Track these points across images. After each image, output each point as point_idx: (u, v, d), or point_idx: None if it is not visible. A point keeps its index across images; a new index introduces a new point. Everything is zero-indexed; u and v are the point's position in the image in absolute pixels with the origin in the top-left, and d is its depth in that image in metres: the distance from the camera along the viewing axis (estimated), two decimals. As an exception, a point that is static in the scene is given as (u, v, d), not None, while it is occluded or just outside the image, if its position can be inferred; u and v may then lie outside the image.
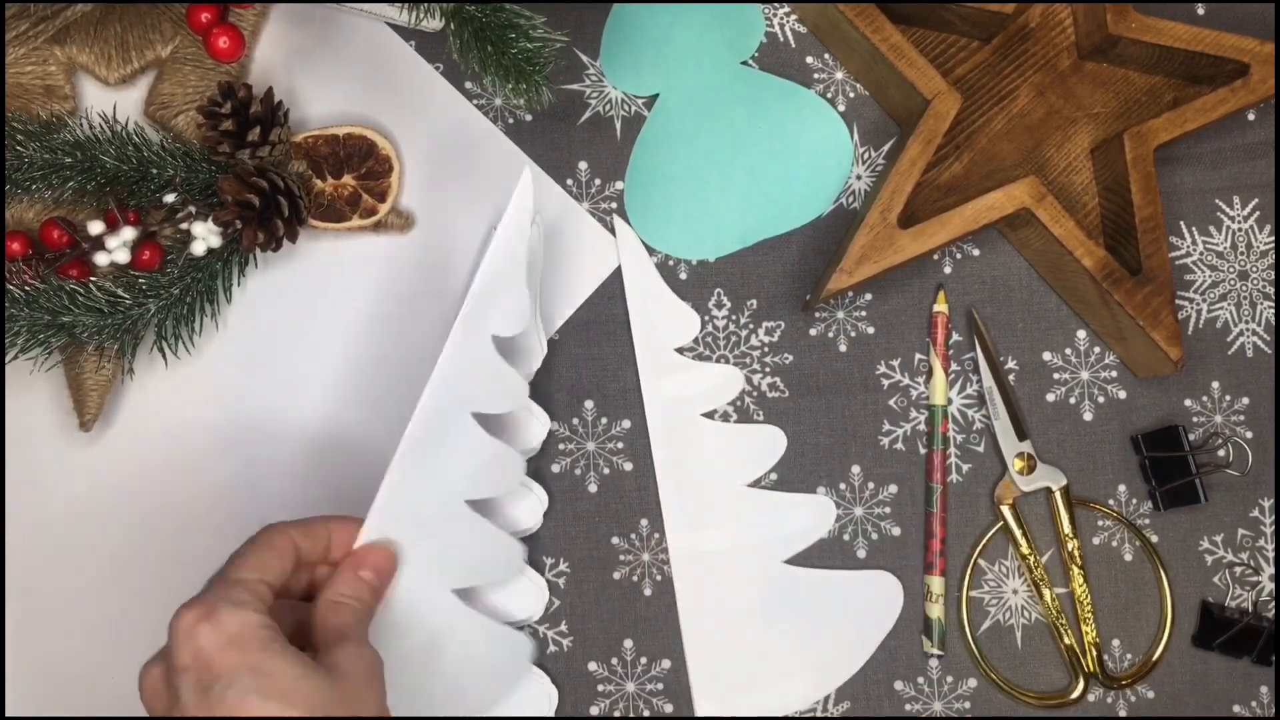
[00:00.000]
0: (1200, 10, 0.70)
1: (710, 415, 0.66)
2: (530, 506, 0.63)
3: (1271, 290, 0.68)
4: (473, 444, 0.56)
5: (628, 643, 0.65)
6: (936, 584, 0.65)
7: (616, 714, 0.64)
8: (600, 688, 0.65)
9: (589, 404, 0.66)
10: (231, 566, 0.49)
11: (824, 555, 0.66)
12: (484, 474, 0.57)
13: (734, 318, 0.67)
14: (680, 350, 0.66)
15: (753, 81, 0.68)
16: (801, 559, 0.65)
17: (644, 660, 0.65)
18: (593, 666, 0.65)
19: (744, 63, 0.68)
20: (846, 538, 0.66)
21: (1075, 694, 0.65)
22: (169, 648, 0.46)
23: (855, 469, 0.67)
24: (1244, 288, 0.68)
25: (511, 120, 0.68)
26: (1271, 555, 0.67)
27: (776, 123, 0.68)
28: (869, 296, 0.68)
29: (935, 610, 0.65)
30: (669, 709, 0.64)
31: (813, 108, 0.68)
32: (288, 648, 0.46)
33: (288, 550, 0.51)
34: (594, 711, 0.64)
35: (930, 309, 0.67)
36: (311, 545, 0.52)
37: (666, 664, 0.65)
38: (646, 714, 0.64)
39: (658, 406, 0.66)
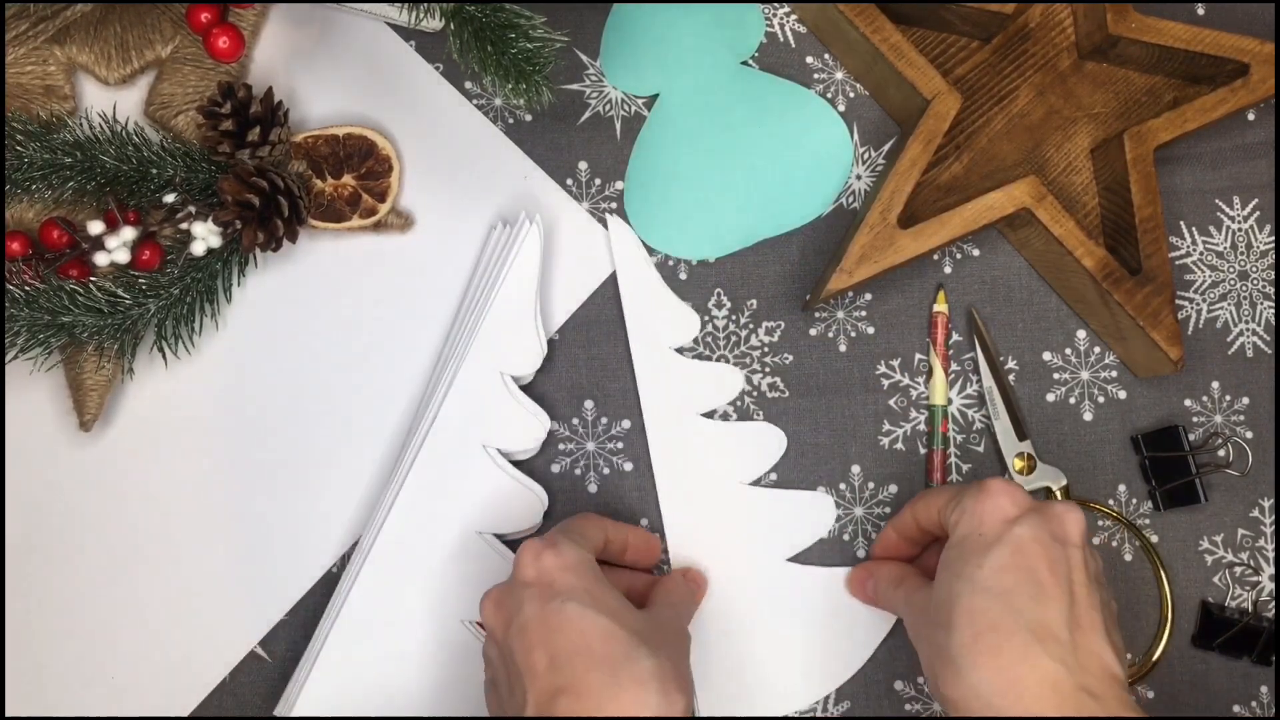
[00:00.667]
0: (1200, 10, 0.70)
1: (709, 415, 0.66)
2: (530, 506, 0.63)
3: (1271, 290, 0.68)
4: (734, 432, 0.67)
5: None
6: (936, 584, 0.65)
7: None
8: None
9: (589, 404, 0.66)
10: (564, 525, 0.57)
11: (824, 555, 0.66)
12: (750, 456, 0.66)
13: (734, 318, 0.67)
14: (680, 350, 0.66)
15: (753, 81, 0.68)
16: (802, 558, 0.65)
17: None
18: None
19: (744, 63, 0.68)
20: (846, 538, 0.66)
21: (1075, 694, 0.65)
22: (514, 569, 0.54)
23: (855, 469, 0.66)
24: (1244, 288, 0.68)
25: (511, 120, 0.68)
26: (1271, 555, 0.67)
27: (776, 123, 0.68)
28: (869, 296, 0.68)
29: (935, 610, 0.65)
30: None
31: (813, 108, 0.68)
32: (610, 585, 0.54)
33: (602, 530, 0.59)
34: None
35: (930, 309, 0.67)
36: (614, 537, 0.60)
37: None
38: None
39: (656, 407, 0.65)
